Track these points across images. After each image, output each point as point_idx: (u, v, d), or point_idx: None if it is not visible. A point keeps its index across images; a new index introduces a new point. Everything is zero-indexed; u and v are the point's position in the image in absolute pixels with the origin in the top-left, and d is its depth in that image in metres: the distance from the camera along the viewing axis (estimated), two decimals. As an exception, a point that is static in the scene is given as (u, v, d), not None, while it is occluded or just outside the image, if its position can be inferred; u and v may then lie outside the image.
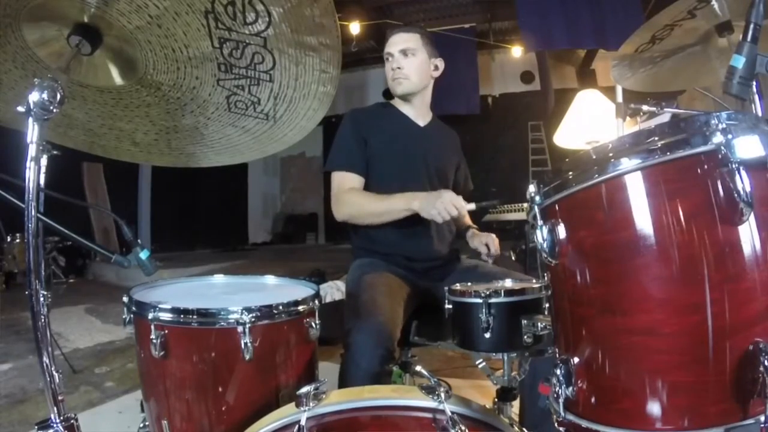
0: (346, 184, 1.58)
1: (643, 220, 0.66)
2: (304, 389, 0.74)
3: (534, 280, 1.27)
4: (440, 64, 1.67)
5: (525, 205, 0.82)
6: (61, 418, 0.86)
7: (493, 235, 1.63)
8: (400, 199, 1.46)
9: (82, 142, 1.26)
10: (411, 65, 1.61)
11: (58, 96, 0.82)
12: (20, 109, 0.82)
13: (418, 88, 1.65)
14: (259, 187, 11.05)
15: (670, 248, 0.65)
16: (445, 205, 1.34)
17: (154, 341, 0.94)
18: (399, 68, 1.60)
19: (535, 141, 7.99)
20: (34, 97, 0.81)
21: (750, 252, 0.63)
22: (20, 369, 2.71)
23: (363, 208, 1.54)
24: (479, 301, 1.11)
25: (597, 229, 0.71)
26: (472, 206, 1.38)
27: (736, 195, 0.61)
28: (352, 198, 1.56)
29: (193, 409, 0.96)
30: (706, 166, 0.64)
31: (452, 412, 0.71)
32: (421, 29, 1.67)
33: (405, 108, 1.70)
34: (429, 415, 0.74)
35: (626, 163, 0.67)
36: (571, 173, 0.72)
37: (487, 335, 1.11)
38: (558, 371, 0.74)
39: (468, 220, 1.82)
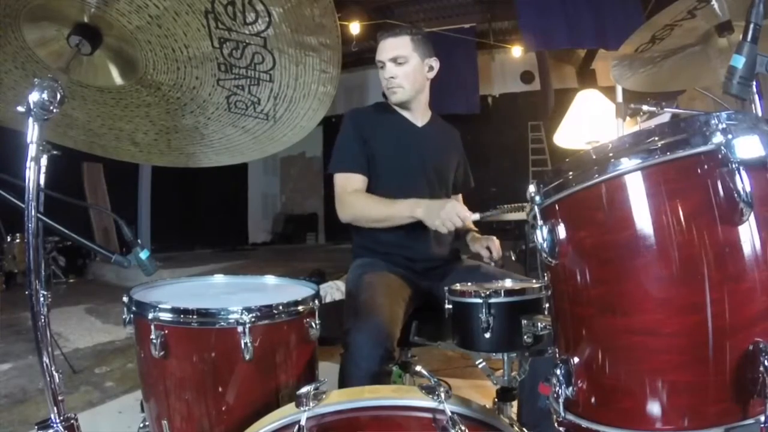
0: (349, 185, 1.58)
1: (643, 220, 0.66)
2: (304, 389, 0.74)
3: (534, 281, 1.27)
4: (435, 63, 1.64)
5: (525, 205, 0.82)
6: (61, 418, 0.85)
7: (494, 238, 1.62)
8: (403, 205, 1.46)
9: (82, 142, 1.26)
10: (403, 73, 1.58)
11: (58, 96, 0.82)
12: (20, 109, 0.81)
13: (412, 95, 1.63)
14: (259, 187, 11.05)
15: (670, 248, 0.65)
16: (450, 216, 1.34)
17: (154, 341, 0.94)
18: (392, 78, 1.58)
19: (535, 141, 7.99)
20: (34, 97, 0.80)
21: (750, 252, 0.63)
22: (20, 369, 2.71)
23: (366, 213, 1.54)
24: (479, 301, 1.11)
25: (597, 229, 0.71)
26: (477, 216, 1.38)
27: (736, 195, 0.61)
28: (357, 201, 1.56)
29: (193, 409, 0.96)
30: (706, 166, 0.64)
31: (452, 412, 0.71)
32: (412, 30, 1.62)
33: (401, 109, 1.69)
34: (429, 415, 0.74)
35: (626, 163, 0.67)
36: (571, 173, 0.72)
37: (487, 335, 1.11)
38: (558, 371, 0.74)
39: (469, 223, 1.82)
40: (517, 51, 7.63)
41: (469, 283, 1.28)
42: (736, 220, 0.63)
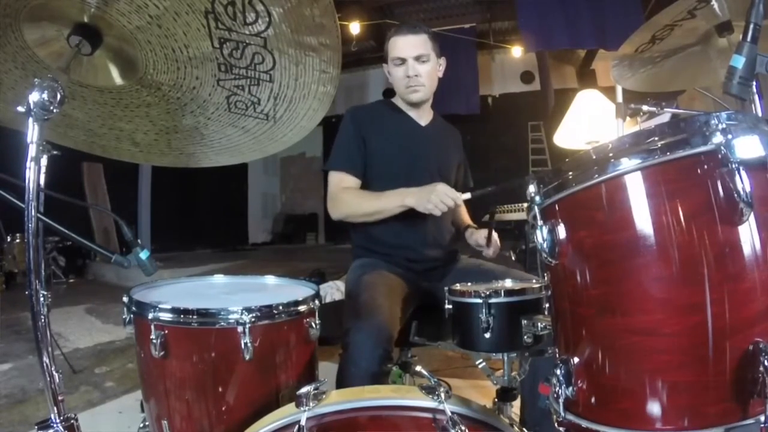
0: (342, 183, 1.58)
1: (643, 221, 0.66)
2: (304, 389, 0.74)
3: (534, 279, 1.27)
4: (443, 62, 1.65)
5: (525, 205, 0.82)
6: (61, 418, 0.85)
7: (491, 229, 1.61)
8: (394, 196, 1.46)
9: (82, 142, 1.26)
10: (425, 72, 1.57)
11: (58, 96, 0.82)
12: (20, 109, 0.81)
13: (430, 94, 1.64)
14: (259, 187, 11.05)
15: (670, 248, 0.65)
16: (440, 197, 1.34)
17: (154, 341, 0.94)
18: (416, 76, 1.56)
19: (535, 141, 7.99)
20: (34, 97, 0.81)
21: (750, 252, 0.63)
22: (20, 369, 2.71)
23: (357, 208, 1.54)
24: (479, 301, 1.11)
25: (597, 229, 0.71)
26: (467, 195, 1.39)
27: (736, 195, 0.61)
28: (347, 197, 1.56)
29: (193, 409, 0.96)
30: (706, 166, 0.64)
31: (452, 412, 0.71)
32: (427, 28, 1.62)
33: (408, 108, 1.69)
34: (429, 415, 0.74)
35: (626, 163, 0.67)
36: (571, 173, 0.72)
37: (487, 335, 1.11)
38: (558, 371, 0.74)
39: (467, 219, 1.82)
40: (517, 51, 7.63)
41: (469, 283, 1.28)
42: (736, 220, 0.63)
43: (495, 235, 1.59)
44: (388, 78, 1.67)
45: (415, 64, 1.56)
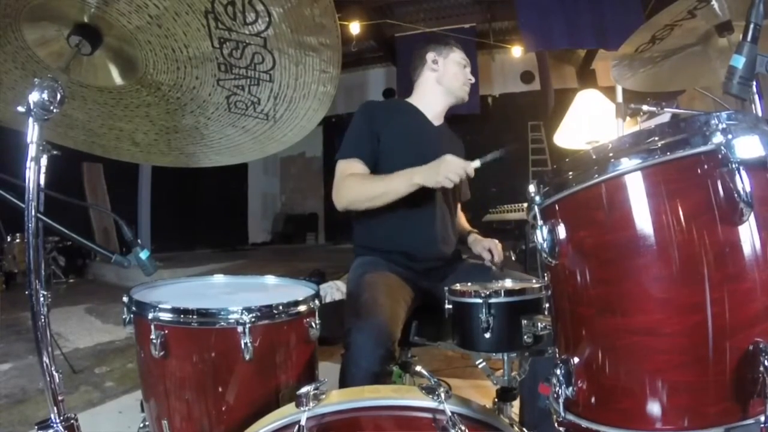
0: (348, 170, 1.55)
1: (643, 220, 0.66)
2: (304, 389, 0.74)
3: (534, 280, 1.27)
4: None
5: (525, 204, 0.82)
6: (61, 418, 0.85)
7: (496, 241, 1.61)
8: (401, 176, 1.43)
9: (82, 142, 1.26)
10: None
11: (58, 96, 0.82)
12: (20, 109, 0.82)
13: None
14: (259, 187, 11.05)
15: (670, 248, 0.65)
16: (452, 168, 1.34)
17: (154, 341, 0.94)
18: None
19: (535, 141, 7.98)
20: (34, 97, 0.81)
21: (750, 252, 0.63)
22: (20, 369, 2.71)
23: (362, 191, 1.49)
24: (479, 301, 1.11)
25: (597, 229, 0.71)
26: (477, 163, 1.38)
27: (736, 195, 0.61)
28: (352, 182, 1.52)
29: (193, 409, 0.96)
30: (706, 166, 0.64)
31: (452, 412, 0.71)
32: None
33: (425, 107, 1.70)
34: (429, 415, 0.74)
35: (626, 163, 0.67)
36: (571, 173, 0.72)
37: (487, 335, 1.11)
38: (558, 371, 0.74)
39: (466, 224, 1.83)
40: (517, 51, 7.63)
41: (469, 283, 1.28)
42: (736, 220, 0.63)
43: (499, 246, 1.59)
44: (435, 69, 1.70)
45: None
